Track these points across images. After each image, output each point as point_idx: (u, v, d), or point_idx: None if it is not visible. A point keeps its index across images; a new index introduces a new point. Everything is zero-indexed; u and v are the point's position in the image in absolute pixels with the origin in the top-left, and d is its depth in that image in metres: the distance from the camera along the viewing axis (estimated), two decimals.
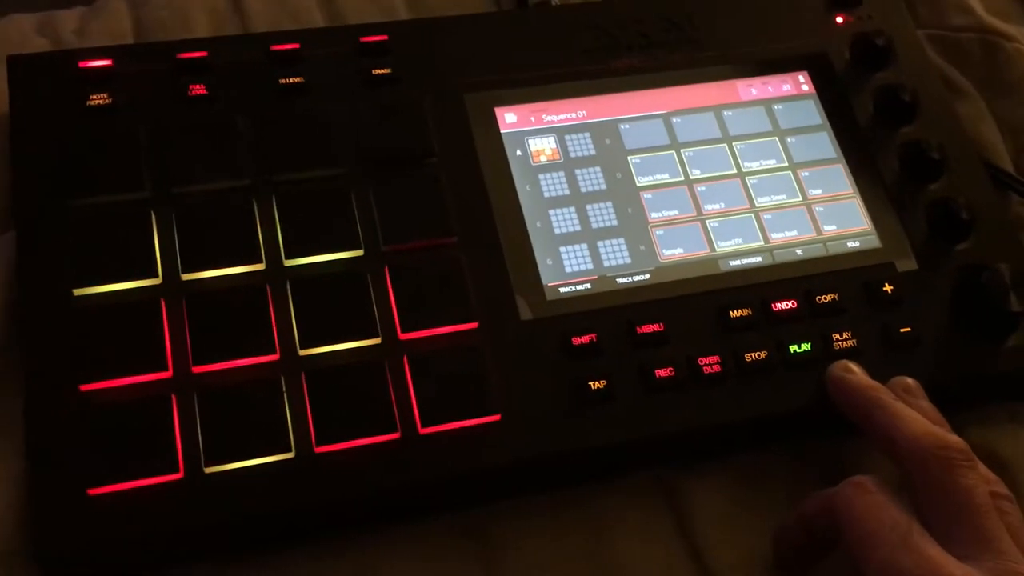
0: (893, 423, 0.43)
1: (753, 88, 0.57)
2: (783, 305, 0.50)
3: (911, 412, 0.43)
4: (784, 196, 0.54)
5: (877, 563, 0.38)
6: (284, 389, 0.44)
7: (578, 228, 0.51)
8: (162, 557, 0.43)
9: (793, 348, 0.49)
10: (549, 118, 0.53)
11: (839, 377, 0.47)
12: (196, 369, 0.44)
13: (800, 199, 0.54)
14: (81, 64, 0.49)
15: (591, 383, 0.46)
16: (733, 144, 0.55)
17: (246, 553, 0.43)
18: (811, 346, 0.49)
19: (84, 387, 0.42)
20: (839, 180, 0.55)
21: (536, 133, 0.53)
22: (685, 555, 0.47)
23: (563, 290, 0.49)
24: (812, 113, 0.56)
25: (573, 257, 0.50)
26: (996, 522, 0.39)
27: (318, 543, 0.44)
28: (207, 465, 0.42)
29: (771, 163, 0.54)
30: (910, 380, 0.47)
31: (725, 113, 0.55)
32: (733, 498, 0.48)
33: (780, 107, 0.56)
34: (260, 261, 0.46)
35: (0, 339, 0.46)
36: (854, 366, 0.47)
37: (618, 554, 0.46)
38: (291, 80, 0.51)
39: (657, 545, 0.47)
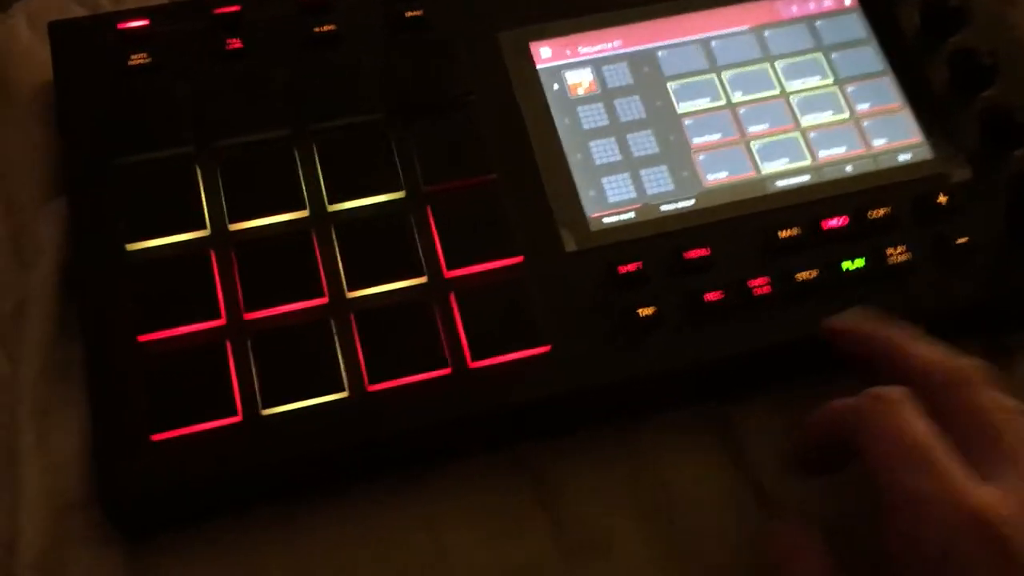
0: (903, 349, 0.40)
1: (793, 5, 0.55)
2: (833, 222, 0.49)
3: (919, 336, 0.41)
4: (830, 112, 0.52)
5: (896, 486, 0.36)
6: (334, 331, 0.44)
7: (619, 158, 0.50)
8: (225, 500, 0.44)
9: (846, 265, 0.48)
10: (585, 50, 0.53)
11: (830, 324, 0.44)
12: (248, 315, 0.44)
13: (847, 115, 0.52)
14: (120, 26, 0.50)
15: (639, 310, 0.46)
16: (775, 63, 0.53)
17: (307, 494, 0.44)
18: (864, 262, 0.48)
19: (141, 338, 0.44)
20: (887, 93, 0.53)
21: (573, 66, 0.52)
22: (744, 483, 0.46)
23: (606, 220, 0.49)
24: (856, 27, 0.55)
25: (615, 187, 0.49)
26: (1020, 440, 0.37)
27: (375, 481, 0.45)
28: (264, 407, 0.43)
29: (815, 80, 0.53)
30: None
31: (766, 33, 0.54)
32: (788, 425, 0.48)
33: (822, 23, 0.55)
34: (304, 208, 0.47)
35: (56, 300, 0.47)
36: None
37: (675, 485, 0.46)
38: (324, 28, 0.51)
39: (714, 474, 0.47)
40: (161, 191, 0.47)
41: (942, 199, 0.49)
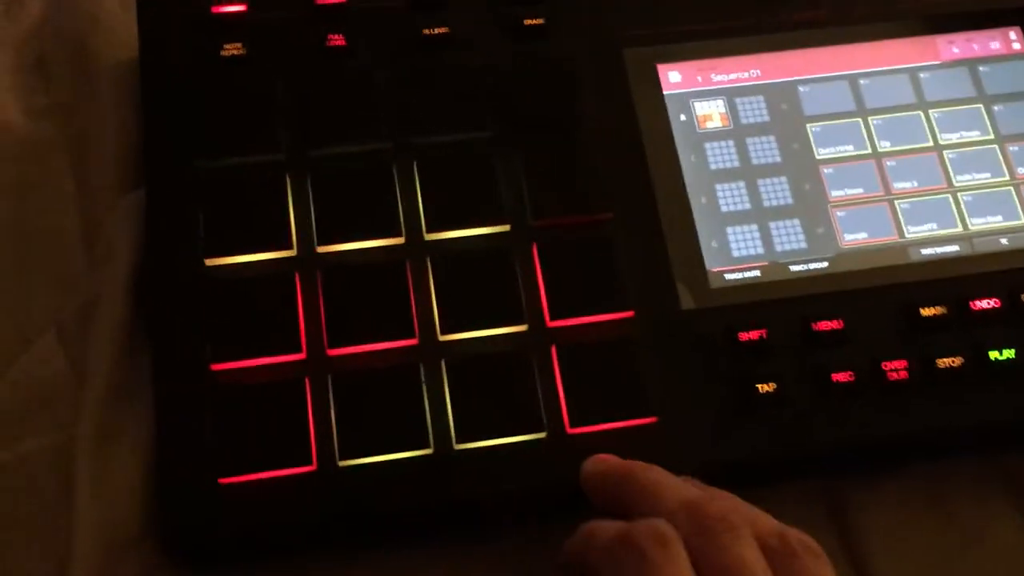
0: (658, 490, 0.35)
1: (955, 45, 0.49)
2: (983, 304, 0.43)
3: (669, 479, 0.36)
4: (988, 174, 0.47)
5: None
6: (423, 378, 0.40)
7: (748, 206, 0.45)
8: (292, 547, 0.40)
9: (994, 355, 0.42)
10: (718, 78, 0.48)
11: (589, 469, 0.38)
12: (331, 351, 0.41)
13: (1007, 178, 0.47)
14: (214, 9, 0.46)
15: (759, 386, 0.41)
16: (929, 112, 0.48)
17: (378, 547, 0.41)
18: (1015, 353, 0.42)
19: (215, 366, 0.40)
20: None
21: (703, 95, 0.47)
22: (846, 569, 0.42)
23: (729, 277, 0.44)
24: None
25: (741, 239, 0.45)
26: None
27: (450, 541, 0.41)
28: (342, 458, 0.39)
29: (974, 135, 0.47)
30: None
31: (921, 75, 0.48)
32: (904, 513, 0.43)
33: (986, 68, 0.49)
34: (400, 234, 0.43)
35: (127, 306, 0.43)
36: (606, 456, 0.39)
37: None
38: (435, 30, 0.47)
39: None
40: (247, 202, 0.43)
41: None
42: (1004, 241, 0.45)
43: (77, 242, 0.46)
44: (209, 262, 0.42)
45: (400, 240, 0.43)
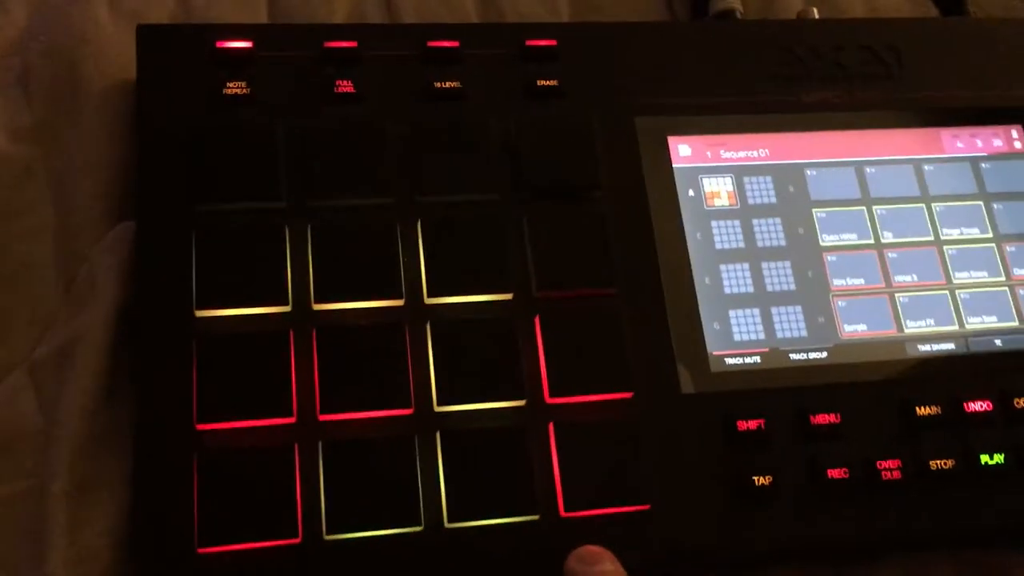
0: None
1: (959, 140, 0.49)
2: (976, 406, 0.44)
3: None
4: (985, 273, 0.47)
5: None
6: (417, 451, 0.39)
7: (751, 289, 0.45)
8: None
9: (984, 459, 0.43)
10: (727, 154, 0.47)
11: (568, 569, 0.37)
12: (323, 417, 0.39)
13: (1003, 278, 0.47)
14: (219, 44, 0.44)
15: (755, 478, 0.41)
16: (932, 205, 0.48)
17: None
18: (1004, 458, 0.43)
19: (200, 426, 0.38)
20: None
21: (712, 171, 0.47)
22: None
23: (729, 361, 0.43)
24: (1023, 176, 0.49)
25: (743, 323, 0.44)
26: None
27: None
28: (329, 532, 0.37)
29: (973, 232, 0.48)
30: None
31: (925, 167, 0.48)
32: None
33: (988, 166, 0.49)
34: (400, 296, 0.41)
35: (108, 352, 0.41)
36: (598, 556, 0.37)
37: None
38: (447, 84, 0.45)
39: None
40: (243, 251, 0.41)
41: None
42: (998, 342, 0.46)
43: (57, 276, 0.44)
44: (200, 313, 0.40)
45: (400, 302, 0.41)
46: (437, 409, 0.40)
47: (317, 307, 0.41)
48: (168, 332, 0.39)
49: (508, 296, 0.42)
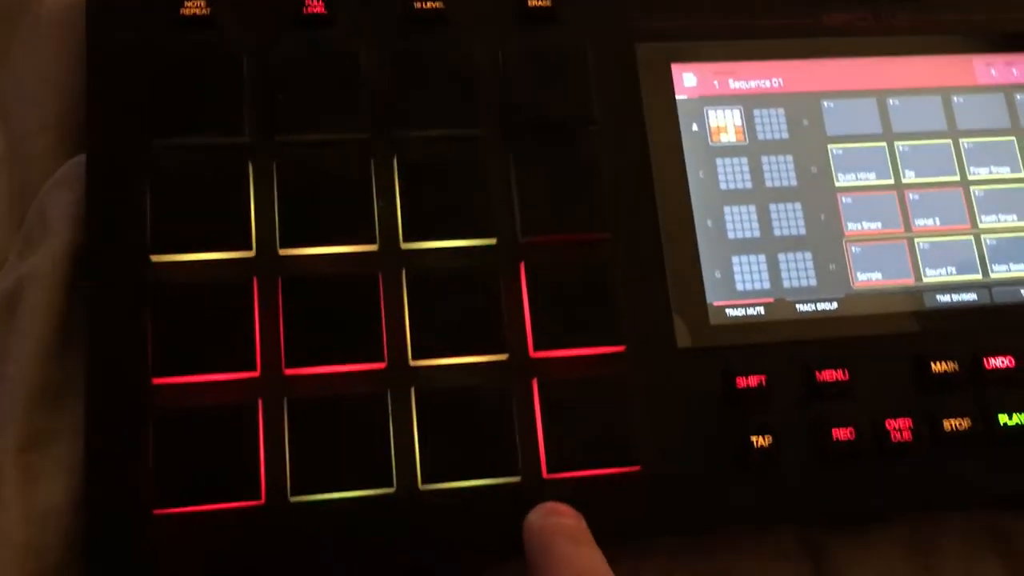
0: (558, 561, 0.33)
1: (993, 68, 0.45)
2: (997, 362, 0.40)
3: (581, 562, 0.33)
4: (1014, 216, 0.43)
5: None
6: (390, 408, 0.36)
7: (757, 234, 0.41)
8: None
9: (1003, 419, 0.40)
10: (736, 84, 0.43)
11: (528, 521, 0.35)
12: (288, 371, 0.36)
13: None
14: None
15: (753, 438, 0.38)
16: (960, 141, 0.44)
17: None
18: None
19: (157, 380, 0.36)
20: None
21: (719, 102, 0.43)
22: None
23: (731, 312, 0.40)
24: None
25: (747, 271, 0.41)
26: None
27: None
28: (294, 493, 0.35)
29: (1004, 171, 0.44)
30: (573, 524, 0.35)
31: (955, 99, 0.44)
32: (886, 568, 0.41)
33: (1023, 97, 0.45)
34: (373, 241, 0.38)
35: (61, 296, 0.38)
36: (557, 510, 0.35)
37: None
38: (428, 5, 0.41)
39: None
40: (203, 190, 0.38)
41: None
42: None
43: (9, 207, 0.41)
44: (156, 259, 0.37)
45: (373, 247, 0.38)
46: (412, 363, 0.37)
47: (283, 252, 0.38)
48: (121, 280, 0.37)
49: (491, 241, 0.39)
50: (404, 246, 0.39)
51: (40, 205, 0.40)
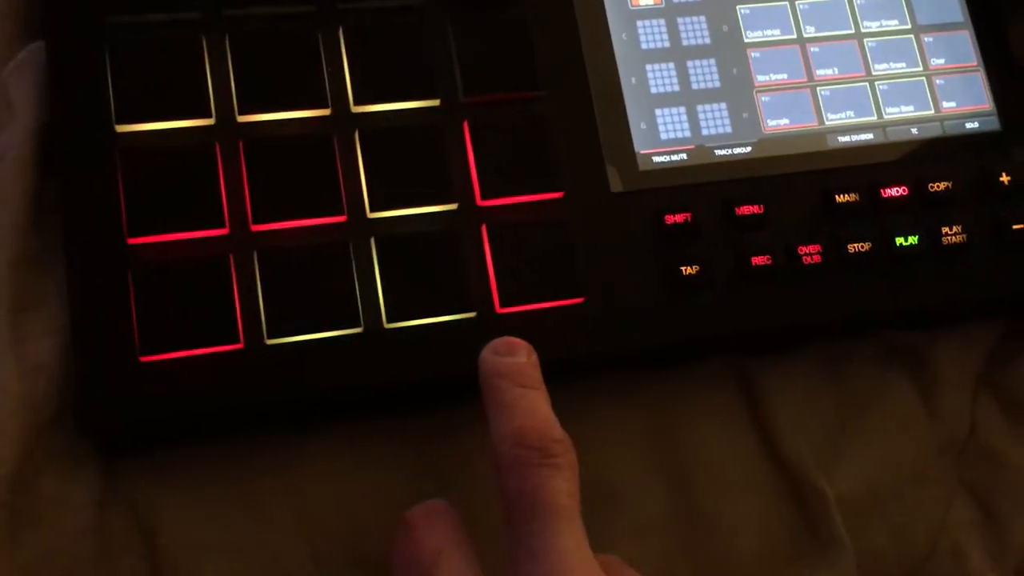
0: (496, 412, 0.34)
1: None
2: (892, 191, 0.45)
3: (523, 403, 0.34)
4: (903, 64, 0.48)
5: None
6: (352, 256, 0.40)
7: (676, 88, 0.45)
8: (215, 428, 0.40)
9: (899, 240, 0.45)
10: None
11: (481, 359, 0.36)
12: (255, 227, 0.39)
13: (920, 68, 0.48)
14: None
15: (683, 268, 0.42)
16: None
17: (309, 425, 0.41)
18: (918, 239, 0.45)
19: (132, 240, 0.38)
20: (964, 49, 0.49)
21: None
22: (756, 441, 0.45)
23: (657, 159, 0.44)
24: None
25: (670, 122, 0.45)
26: (566, 525, 0.31)
27: (379, 419, 0.42)
28: (269, 336, 0.38)
29: (892, 23, 0.48)
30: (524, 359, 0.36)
31: None
32: (809, 385, 0.46)
33: None
34: (326, 105, 0.41)
35: (32, 172, 0.40)
36: (509, 346, 0.36)
37: (686, 440, 0.44)
38: None
39: (728, 431, 0.45)
40: (160, 64, 0.40)
41: (1004, 179, 0.46)
42: (914, 131, 0.47)
43: None
44: (121, 128, 0.39)
45: (326, 112, 0.41)
46: (370, 216, 0.40)
47: (242, 119, 0.40)
48: (89, 149, 0.39)
49: (436, 102, 0.42)
50: (355, 109, 0.41)
51: (2, 90, 0.41)
